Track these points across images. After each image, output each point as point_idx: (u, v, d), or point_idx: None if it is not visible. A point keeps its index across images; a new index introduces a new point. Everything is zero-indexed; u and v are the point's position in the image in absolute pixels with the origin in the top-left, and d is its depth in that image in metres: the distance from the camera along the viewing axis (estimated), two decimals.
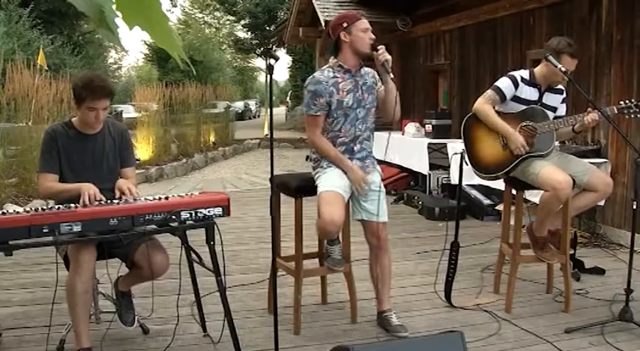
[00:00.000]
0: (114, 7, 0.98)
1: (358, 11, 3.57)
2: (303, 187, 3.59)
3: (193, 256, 3.26)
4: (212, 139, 16.32)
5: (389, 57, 3.38)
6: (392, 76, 3.41)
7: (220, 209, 3.02)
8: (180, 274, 3.22)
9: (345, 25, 3.43)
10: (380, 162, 4.08)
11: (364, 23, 3.44)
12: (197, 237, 3.11)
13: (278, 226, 3.73)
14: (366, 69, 3.58)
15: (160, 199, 2.96)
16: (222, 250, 2.98)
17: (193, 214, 2.94)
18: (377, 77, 3.59)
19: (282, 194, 3.75)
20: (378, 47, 3.38)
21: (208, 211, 2.97)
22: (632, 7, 5.47)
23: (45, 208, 2.73)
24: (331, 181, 3.40)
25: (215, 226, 2.99)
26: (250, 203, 7.80)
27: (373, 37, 3.43)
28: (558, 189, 3.65)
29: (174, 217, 2.88)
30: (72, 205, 2.81)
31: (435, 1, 8.88)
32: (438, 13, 8.88)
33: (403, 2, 9.61)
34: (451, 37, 8.82)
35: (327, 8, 10.06)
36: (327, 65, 3.55)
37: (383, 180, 3.73)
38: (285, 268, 3.77)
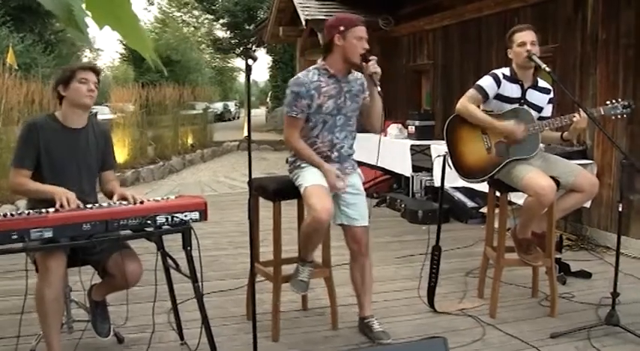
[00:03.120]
0: (83, 6, 0.97)
1: (359, 17, 3.53)
2: (282, 191, 3.59)
3: (170, 261, 3.25)
4: (190, 141, 16.25)
5: (378, 70, 3.36)
6: (379, 90, 3.40)
7: (197, 213, 3.01)
8: (156, 280, 3.21)
9: (341, 28, 3.39)
10: (362, 164, 4.09)
11: (361, 31, 3.40)
12: (173, 242, 3.10)
13: (256, 231, 3.73)
14: (356, 75, 3.57)
15: (135, 203, 2.95)
16: (200, 256, 2.97)
17: (169, 219, 2.93)
18: (365, 85, 3.57)
19: (260, 198, 3.75)
20: (370, 58, 3.36)
21: (185, 216, 2.96)
22: (618, 6, 5.53)
23: (14, 213, 2.70)
24: (313, 176, 3.41)
25: (192, 231, 2.98)
26: (229, 207, 7.78)
27: (366, 46, 3.39)
28: (541, 195, 3.67)
29: (149, 221, 2.87)
30: (43, 210, 2.78)
31: (418, 0, 8.92)
32: (422, 12, 8.93)
33: (386, 1, 9.65)
34: (434, 36, 8.87)
35: (308, 7, 10.07)
36: (314, 66, 3.53)
37: (364, 183, 3.74)
38: (264, 273, 3.77)
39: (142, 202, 2.95)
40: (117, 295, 3.49)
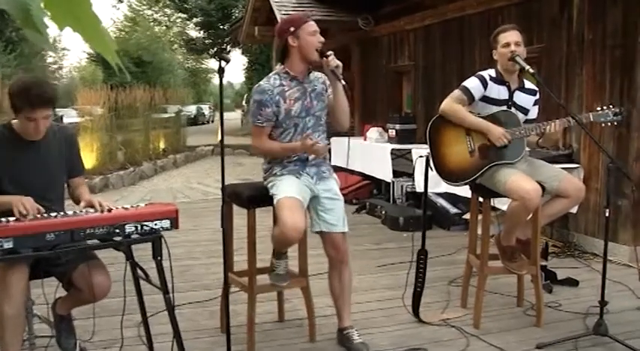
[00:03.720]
0: (42, 5, 0.95)
1: (305, 13, 3.58)
2: (256, 197, 3.58)
3: (139, 272, 3.22)
4: (162, 145, 16.17)
5: (339, 63, 3.39)
6: (343, 83, 3.42)
7: (168, 222, 2.99)
8: (125, 292, 3.17)
9: (292, 29, 3.43)
10: (341, 169, 4.15)
11: (312, 26, 3.44)
12: (144, 252, 3.07)
13: (230, 239, 3.72)
14: (316, 74, 3.60)
15: (102, 211, 2.92)
16: (171, 266, 2.95)
17: (139, 228, 2.90)
18: (327, 83, 3.60)
19: (234, 205, 3.73)
20: (327, 53, 3.39)
21: (155, 224, 2.94)
22: (604, 5, 5.59)
23: None
24: (288, 188, 3.41)
25: (162, 240, 2.96)
26: (202, 215, 7.75)
27: (322, 39, 3.44)
28: (526, 199, 3.69)
29: (118, 230, 2.84)
30: (2, 219, 2.73)
31: None
32: (402, 11, 8.95)
33: (365, 0, 9.67)
34: (415, 36, 8.91)
35: (285, 6, 10.07)
36: (274, 72, 3.58)
37: (344, 188, 3.75)
38: (238, 283, 3.75)
39: (110, 210, 2.92)
40: (83, 308, 3.44)
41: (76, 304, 3.28)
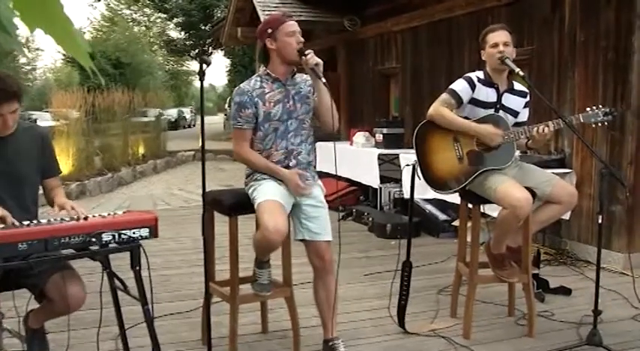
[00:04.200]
0: (10, 5, 0.94)
1: (284, 13, 3.60)
2: (238, 204, 3.57)
3: (117, 282, 3.20)
4: (141, 151, 16.12)
5: (319, 61, 3.39)
6: (324, 81, 3.41)
7: (147, 230, 2.97)
8: (102, 303, 3.14)
9: (269, 31, 3.46)
10: (327, 175, 4.13)
11: (290, 26, 3.45)
12: (122, 261, 3.05)
13: (212, 248, 3.71)
14: (303, 76, 3.61)
15: (78, 218, 2.90)
16: (150, 276, 2.93)
17: (116, 236, 2.88)
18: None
19: (216, 212, 3.72)
20: (306, 52, 3.40)
21: (133, 233, 2.92)
22: (597, 5, 5.61)
23: None
24: (268, 191, 3.41)
25: (141, 249, 2.94)
26: (183, 222, 7.72)
27: (301, 40, 3.45)
28: (517, 207, 3.70)
29: (94, 239, 2.82)
30: None
31: (385, 0, 8.99)
32: (389, 12, 8.99)
33: (351, 0, 9.69)
34: (403, 38, 8.94)
35: (268, 6, 10.08)
36: (256, 74, 3.60)
37: (329, 195, 3.75)
38: (220, 294, 3.73)
39: (86, 218, 2.90)
40: (57, 320, 3.41)
41: (50, 316, 3.24)
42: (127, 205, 9.67)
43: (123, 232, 2.89)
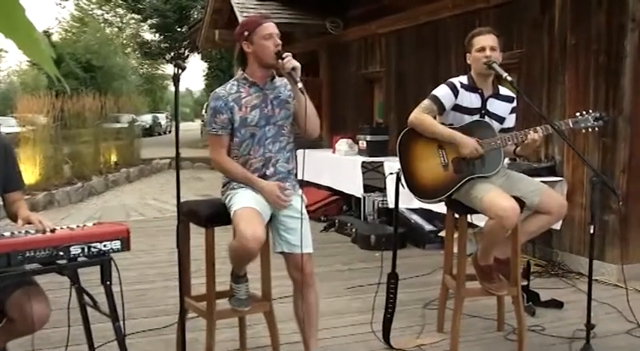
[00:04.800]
0: None
1: (261, 15, 3.62)
2: (215, 215, 3.56)
3: (86, 298, 3.18)
4: (113, 158, 16.04)
5: (296, 64, 3.39)
6: (300, 86, 3.41)
7: (119, 242, 2.96)
8: (70, 321, 3.12)
9: (246, 33, 3.47)
10: (308, 184, 4.14)
11: (266, 28, 3.46)
12: (92, 275, 3.04)
13: (187, 261, 3.69)
14: (283, 80, 3.61)
15: (44, 231, 2.87)
16: (122, 291, 2.92)
17: (86, 249, 2.87)
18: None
19: (192, 223, 3.71)
20: (284, 55, 3.41)
21: (104, 246, 2.91)
22: (588, 7, 5.67)
23: None
24: (245, 199, 3.41)
25: (112, 263, 2.93)
26: (158, 234, 7.68)
27: (279, 43, 3.46)
28: (503, 217, 3.70)
29: (62, 253, 2.80)
30: None
31: (369, 1, 9.03)
32: (373, 14, 9.03)
33: (333, 2, 9.72)
34: (387, 41, 8.98)
35: (247, 7, 10.09)
36: (234, 78, 3.61)
37: (311, 204, 3.76)
38: (196, 309, 3.71)
39: (53, 231, 2.88)
40: (21, 340, 3.37)
41: (12, 336, 3.19)
42: (97, 216, 9.62)
43: (93, 244, 2.88)
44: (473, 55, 3.98)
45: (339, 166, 8.26)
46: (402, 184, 4.02)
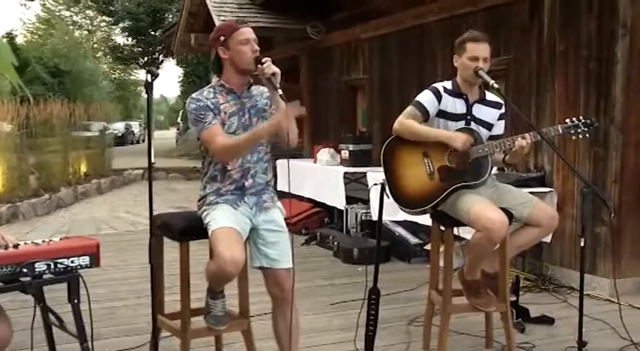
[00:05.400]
0: None
1: (238, 19, 3.61)
2: (190, 229, 3.55)
3: (52, 318, 3.15)
4: (83, 169, 15.94)
5: (276, 70, 3.40)
6: (281, 92, 3.40)
7: (87, 258, 2.95)
8: (33, 342, 3.09)
9: (222, 38, 3.46)
10: (288, 195, 4.12)
11: (244, 33, 3.46)
12: (59, 293, 3.02)
13: (161, 277, 3.68)
14: (261, 88, 3.62)
15: (6, 247, 2.85)
16: (90, 309, 2.91)
17: (52, 266, 2.86)
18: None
19: (166, 237, 3.69)
20: (262, 60, 3.41)
21: (72, 262, 2.90)
22: (578, 11, 5.71)
23: None
24: (224, 217, 3.40)
25: (81, 280, 2.91)
26: (131, 248, 7.64)
27: (257, 48, 3.46)
28: (491, 230, 3.72)
29: (25, 270, 2.78)
30: None
31: (352, 5, 9.05)
32: (356, 18, 9.06)
33: (315, 6, 9.74)
34: (371, 46, 9.02)
35: (224, 11, 10.09)
36: (209, 85, 3.60)
37: (292, 217, 3.75)
38: (170, 327, 3.70)
39: (16, 246, 2.86)
40: None
41: None
42: (65, 230, 9.54)
43: (59, 261, 2.86)
44: (462, 61, 3.99)
45: (320, 177, 8.26)
46: (387, 195, 4.03)
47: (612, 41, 5.46)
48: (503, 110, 4.18)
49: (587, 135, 3.98)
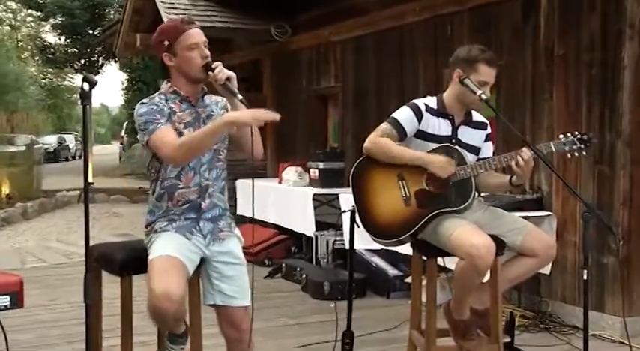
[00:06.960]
0: None
1: (183, 19, 3.56)
2: (133, 261, 3.55)
3: None
4: (6, 190, 15.78)
5: (230, 73, 3.40)
6: (240, 97, 3.40)
7: (7, 298, 2.94)
8: None
9: (166, 43, 3.47)
10: (248, 220, 4.08)
11: (191, 37, 3.45)
12: None
13: (98, 317, 3.66)
14: (214, 97, 3.65)
15: None
16: None
17: None
18: (229, 107, 3.59)
19: (104, 271, 3.68)
20: (213, 65, 3.41)
21: None
22: (579, 10, 5.75)
23: None
24: (166, 245, 3.39)
25: None
26: (62, 284, 7.57)
27: (207, 53, 3.46)
28: (475, 256, 3.72)
29: None
30: None
31: (322, 3, 9.04)
32: (327, 18, 9.07)
33: (279, 4, 9.74)
34: (344, 50, 9.04)
35: (175, 8, 10.05)
36: (159, 91, 3.58)
37: (254, 245, 3.76)
38: None
39: None
40: None
41: None
42: None
43: None
44: (467, 82, 3.94)
45: (286, 199, 8.26)
46: (357, 224, 4.04)
47: (618, 43, 5.46)
48: (489, 131, 4.23)
49: (584, 153, 3.99)
